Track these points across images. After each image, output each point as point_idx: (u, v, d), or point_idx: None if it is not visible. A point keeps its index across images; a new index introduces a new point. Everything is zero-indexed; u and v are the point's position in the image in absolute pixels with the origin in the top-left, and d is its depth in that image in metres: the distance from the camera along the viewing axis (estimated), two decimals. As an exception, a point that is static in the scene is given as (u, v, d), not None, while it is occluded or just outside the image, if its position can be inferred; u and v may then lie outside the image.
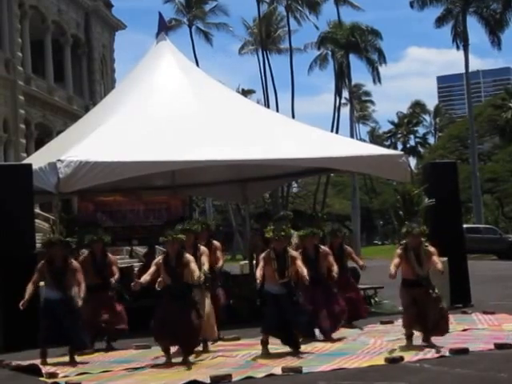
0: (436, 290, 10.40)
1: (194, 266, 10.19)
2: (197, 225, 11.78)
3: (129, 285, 11.89)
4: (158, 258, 10.46)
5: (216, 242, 12.34)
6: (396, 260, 10.36)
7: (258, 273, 10.44)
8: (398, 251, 10.46)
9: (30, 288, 10.79)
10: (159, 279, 10.20)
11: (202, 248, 11.30)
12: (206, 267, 10.79)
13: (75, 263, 11.03)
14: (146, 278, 10.18)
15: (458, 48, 56.76)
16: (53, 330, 10.58)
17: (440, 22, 56.83)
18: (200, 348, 10.80)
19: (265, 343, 10.44)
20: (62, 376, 9.48)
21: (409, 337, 10.41)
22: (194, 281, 10.12)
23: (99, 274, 12.00)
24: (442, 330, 10.37)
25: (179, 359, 10.12)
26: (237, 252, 59.26)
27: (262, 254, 10.77)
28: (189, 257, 10.30)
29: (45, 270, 10.84)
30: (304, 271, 10.53)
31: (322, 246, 12.29)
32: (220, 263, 12.11)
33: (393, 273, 10.13)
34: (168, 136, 14.62)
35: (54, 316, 10.63)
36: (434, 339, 10.30)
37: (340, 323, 12.04)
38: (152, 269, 10.31)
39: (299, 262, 10.65)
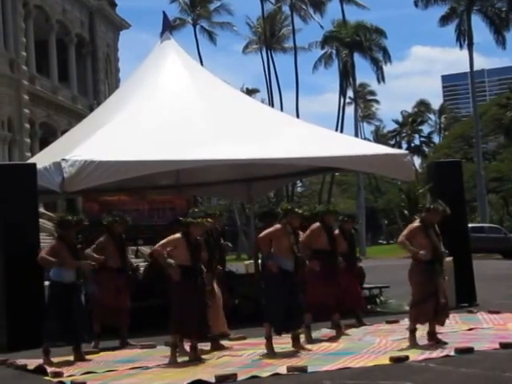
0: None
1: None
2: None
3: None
4: (176, 238, 10.17)
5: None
6: (407, 235, 10.22)
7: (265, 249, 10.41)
8: (417, 225, 10.27)
9: (48, 258, 10.57)
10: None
11: None
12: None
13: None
14: (169, 259, 10.07)
15: (461, 47, 56.83)
16: (61, 325, 10.47)
17: (444, 20, 56.82)
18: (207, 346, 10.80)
19: (270, 338, 10.36)
20: (67, 375, 9.48)
21: (413, 331, 10.31)
22: None
23: (120, 257, 12.06)
24: (442, 320, 10.36)
25: (184, 359, 10.12)
26: (241, 251, 59.27)
27: (273, 228, 10.54)
28: (201, 242, 10.41)
29: (60, 249, 10.64)
30: None
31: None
32: None
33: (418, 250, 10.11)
34: (172, 135, 14.62)
35: (64, 305, 10.46)
36: (443, 336, 10.30)
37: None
38: (167, 241, 10.15)
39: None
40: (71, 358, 10.69)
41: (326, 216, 12.09)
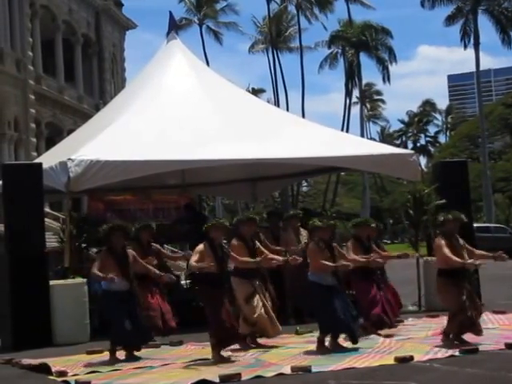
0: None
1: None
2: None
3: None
4: (201, 248, 10.01)
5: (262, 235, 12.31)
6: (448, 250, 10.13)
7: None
8: (443, 242, 10.20)
9: (98, 273, 10.29)
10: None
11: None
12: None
13: (131, 250, 10.81)
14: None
15: (465, 47, 56.81)
16: (130, 328, 10.32)
17: (450, 20, 56.68)
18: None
19: (322, 342, 10.36)
20: (72, 375, 9.48)
21: (447, 334, 10.25)
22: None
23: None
24: (478, 328, 10.31)
25: (187, 359, 10.13)
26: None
27: (310, 246, 10.66)
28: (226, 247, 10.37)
29: (108, 258, 10.46)
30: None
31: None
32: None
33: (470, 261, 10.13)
34: (178, 135, 14.63)
35: (127, 311, 10.35)
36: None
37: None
38: (196, 257, 9.97)
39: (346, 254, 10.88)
40: (75, 357, 10.70)
41: (357, 230, 12.04)
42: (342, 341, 10.59)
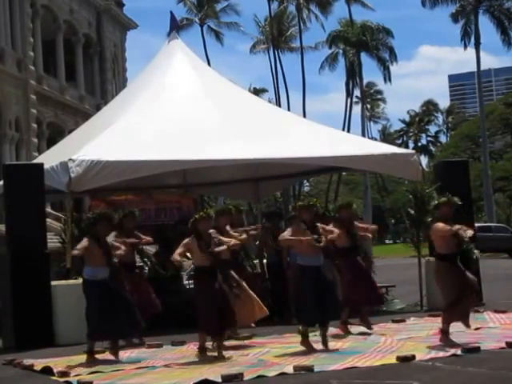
0: None
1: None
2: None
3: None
4: (187, 241, 10.12)
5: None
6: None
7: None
8: (444, 225, 10.14)
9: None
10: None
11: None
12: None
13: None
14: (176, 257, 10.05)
15: (465, 47, 56.88)
16: (105, 322, 10.32)
17: (456, 17, 56.47)
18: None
19: (305, 335, 10.36)
20: (74, 375, 9.48)
21: (447, 332, 10.20)
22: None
23: (132, 253, 11.95)
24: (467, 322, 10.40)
25: (189, 359, 10.14)
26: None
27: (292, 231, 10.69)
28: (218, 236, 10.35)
29: (92, 246, 10.38)
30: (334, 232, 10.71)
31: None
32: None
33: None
34: (179, 135, 14.63)
35: (107, 302, 10.33)
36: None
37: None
38: (180, 249, 10.11)
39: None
40: (77, 357, 10.71)
41: (339, 212, 12.11)
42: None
